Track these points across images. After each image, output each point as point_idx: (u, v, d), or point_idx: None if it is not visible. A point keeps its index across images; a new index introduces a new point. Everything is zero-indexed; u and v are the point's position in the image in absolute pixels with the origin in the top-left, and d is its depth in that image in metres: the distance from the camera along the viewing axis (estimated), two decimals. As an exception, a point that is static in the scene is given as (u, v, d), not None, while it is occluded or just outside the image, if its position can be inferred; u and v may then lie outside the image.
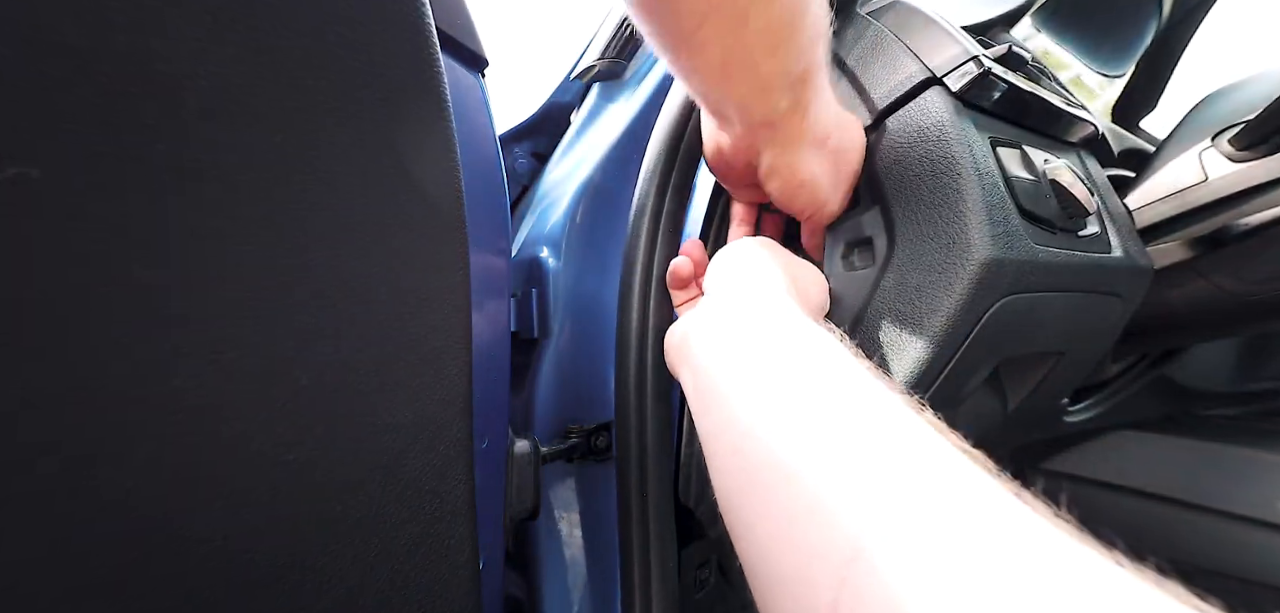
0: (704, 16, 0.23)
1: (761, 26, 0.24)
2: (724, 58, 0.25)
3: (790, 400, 0.19)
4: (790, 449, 0.17)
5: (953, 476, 0.14)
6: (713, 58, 0.25)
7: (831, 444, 0.17)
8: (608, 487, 0.42)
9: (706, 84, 0.28)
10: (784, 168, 0.31)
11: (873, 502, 0.14)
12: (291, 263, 0.20)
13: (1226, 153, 0.38)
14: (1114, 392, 0.53)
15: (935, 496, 0.14)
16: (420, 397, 0.24)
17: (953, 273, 0.29)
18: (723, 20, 0.23)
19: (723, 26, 0.23)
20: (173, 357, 0.17)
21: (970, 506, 0.13)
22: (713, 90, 0.28)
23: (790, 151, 0.30)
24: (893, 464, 0.15)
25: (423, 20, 0.23)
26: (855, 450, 0.16)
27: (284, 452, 0.20)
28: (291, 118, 0.19)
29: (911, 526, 0.13)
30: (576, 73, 0.68)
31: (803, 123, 0.29)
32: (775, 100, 0.27)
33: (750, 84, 0.27)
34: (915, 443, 0.16)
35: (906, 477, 0.15)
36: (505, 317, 0.41)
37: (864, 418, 0.17)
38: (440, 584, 0.25)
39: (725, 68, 0.26)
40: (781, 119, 0.29)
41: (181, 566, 0.18)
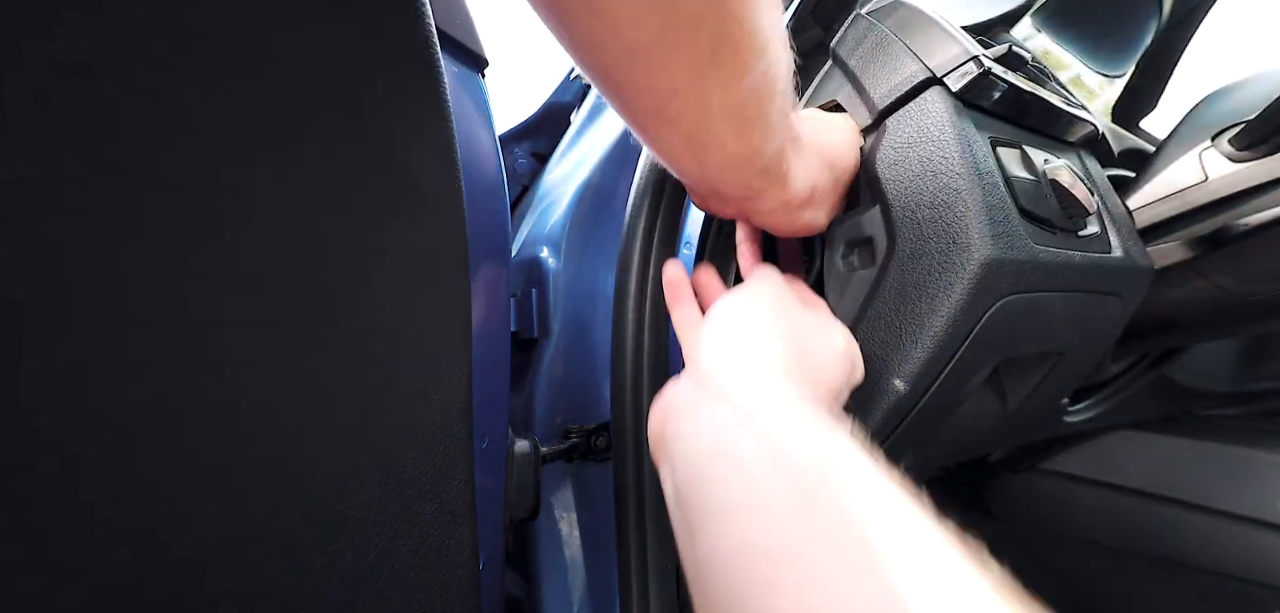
0: (671, 93, 0.23)
1: (723, 108, 0.23)
2: (691, 133, 0.25)
3: (784, 531, 0.17)
4: (787, 597, 0.15)
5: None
6: (683, 131, 0.25)
7: (834, 591, 0.15)
8: (608, 487, 0.42)
9: (681, 161, 0.27)
10: (778, 222, 0.32)
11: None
12: (290, 263, 0.20)
13: (1226, 153, 0.38)
14: (1114, 392, 0.53)
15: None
16: (420, 397, 0.24)
17: (953, 273, 0.29)
18: (688, 98, 0.23)
19: (690, 103, 0.23)
20: (170, 359, 0.17)
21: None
22: (688, 167, 0.28)
23: (774, 217, 0.31)
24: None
25: (423, 20, 0.23)
26: (860, 597, 0.14)
27: (283, 452, 0.20)
28: (290, 118, 0.19)
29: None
30: (576, 73, 0.68)
31: (783, 193, 0.29)
32: (748, 177, 0.27)
33: (721, 161, 0.26)
34: (929, 586, 0.14)
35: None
36: (505, 317, 0.41)
37: (869, 555, 0.15)
38: (440, 584, 0.25)
39: (694, 144, 0.25)
40: (758, 194, 0.29)
41: (180, 567, 0.18)
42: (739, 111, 0.24)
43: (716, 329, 0.27)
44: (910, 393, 0.31)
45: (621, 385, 0.39)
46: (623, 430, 0.39)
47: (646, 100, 0.23)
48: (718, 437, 0.21)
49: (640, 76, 0.22)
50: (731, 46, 0.21)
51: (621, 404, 0.39)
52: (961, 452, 0.45)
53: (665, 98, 0.23)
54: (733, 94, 0.23)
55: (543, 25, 0.21)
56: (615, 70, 0.22)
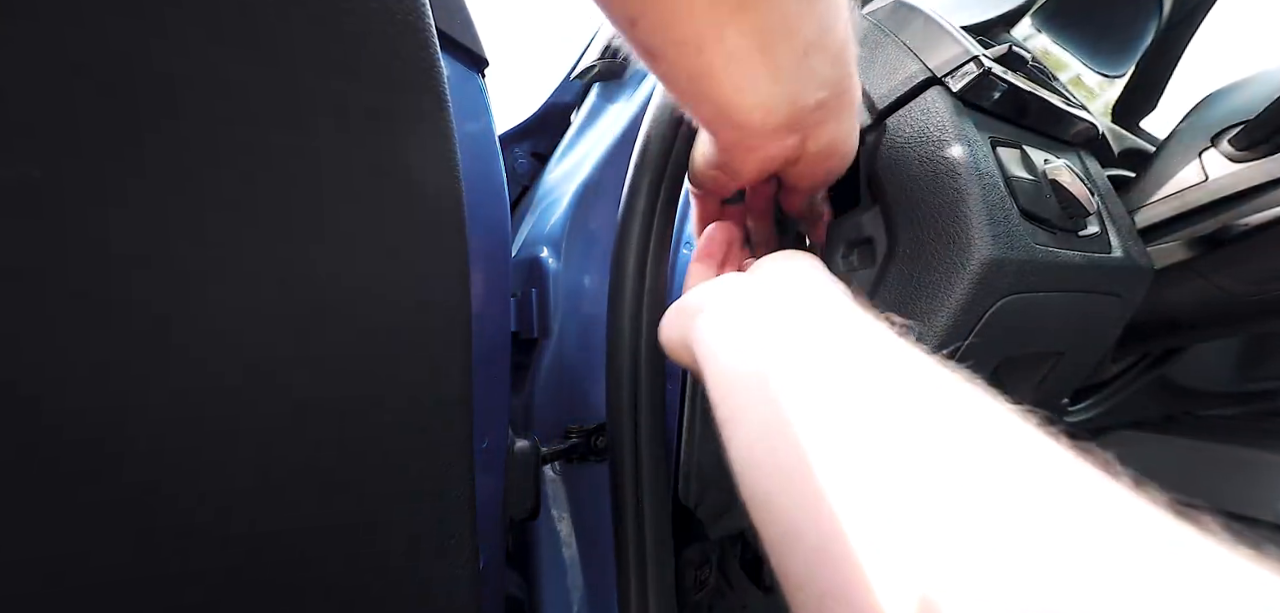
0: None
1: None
2: (762, 27, 0.20)
3: (852, 397, 0.16)
4: (853, 457, 0.15)
5: (1070, 506, 0.12)
6: (753, 24, 0.20)
7: (900, 458, 0.14)
8: (608, 487, 0.42)
9: (743, 75, 0.22)
10: (839, 142, 0.27)
11: (956, 544, 0.12)
12: (290, 263, 0.20)
13: (1226, 153, 0.38)
14: (1114, 392, 0.53)
15: (1047, 540, 0.11)
16: (420, 396, 0.24)
17: (953, 273, 0.29)
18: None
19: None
20: (170, 358, 0.17)
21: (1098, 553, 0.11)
22: (754, 80, 0.22)
23: (844, 122, 0.26)
24: (985, 492, 0.12)
25: (423, 20, 0.23)
26: (933, 469, 0.13)
27: (283, 452, 0.20)
28: (290, 118, 0.19)
29: (1003, 586, 0.11)
30: (576, 73, 0.68)
31: (854, 85, 0.25)
32: (825, 70, 0.23)
33: (794, 54, 0.22)
34: (1017, 461, 0.13)
35: (1007, 510, 0.12)
36: (505, 317, 0.41)
37: (942, 423, 0.14)
38: (440, 584, 0.25)
39: (764, 38, 0.21)
40: (834, 91, 0.24)
41: (180, 567, 0.18)
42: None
43: (763, 263, 0.27)
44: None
45: (618, 385, 0.39)
46: (620, 430, 0.39)
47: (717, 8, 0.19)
48: (775, 311, 0.20)
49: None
50: None
51: (619, 404, 0.39)
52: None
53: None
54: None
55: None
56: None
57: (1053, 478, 0.13)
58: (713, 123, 0.26)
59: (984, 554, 0.12)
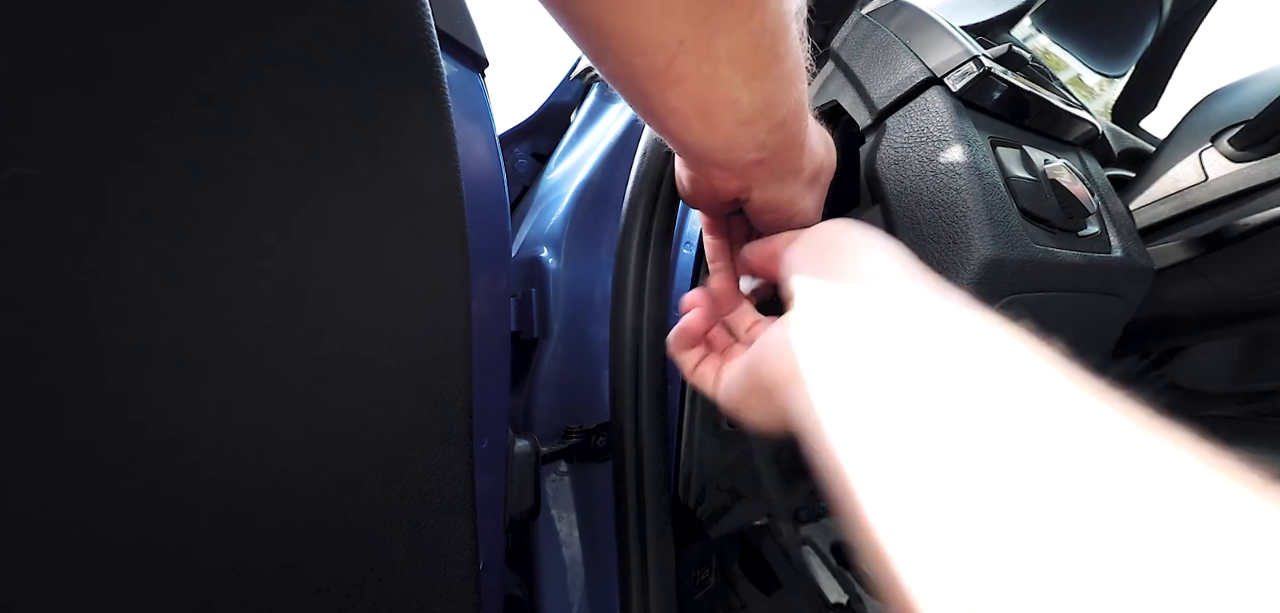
0: (677, 45, 0.20)
1: (734, 53, 0.21)
2: (701, 92, 0.22)
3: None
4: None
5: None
6: (692, 91, 0.22)
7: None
8: (608, 487, 0.42)
9: (689, 129, 0.24)
10: (780, 204, 0.28)
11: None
12: (291, 263, 0.20)
13: (1226, 153, 0.38)
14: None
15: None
16: (420, 397, 0.24)
17: (953, 272, 0.29)
18: (696, 49, 0.21)
19: (698, 54, 0.21)
20: (170, 357, 0.17)
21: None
22: (696, 134, 0.24)
23: (786, 187, 0.28)
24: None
25: (423, 20, 0.23)
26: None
27: (283, 452, 0.20)
28: (291, 118, 0.19)
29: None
30: (576, 73, 0.68)
31: (799, 158, 0.27)
32: (763, 135, 0.25)
33: (734, 120, 0.24)
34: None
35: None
36: (505, 317, 0.41)
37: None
38: (440, 584, 0.25)
39: (704, 105, 0.23)
40: (773, 156, 0.26)
41: (178, 567, 0.18)
42: (752, 55, 0.22)
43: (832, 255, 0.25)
44: None
45: (621, 386, 0.39)
46: (622, 431, 0.39)
47: (650, 59, 0.21)
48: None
49: (641, 30, 0.20)
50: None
51: (621, 404, 0.39)
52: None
53: (671, 53, 0.21)
54: (744, 34, 0.21)
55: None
56: (614, 27, 0.20)
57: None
58: (669, 145, 0.28)
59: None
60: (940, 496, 0.15)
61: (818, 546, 0.57)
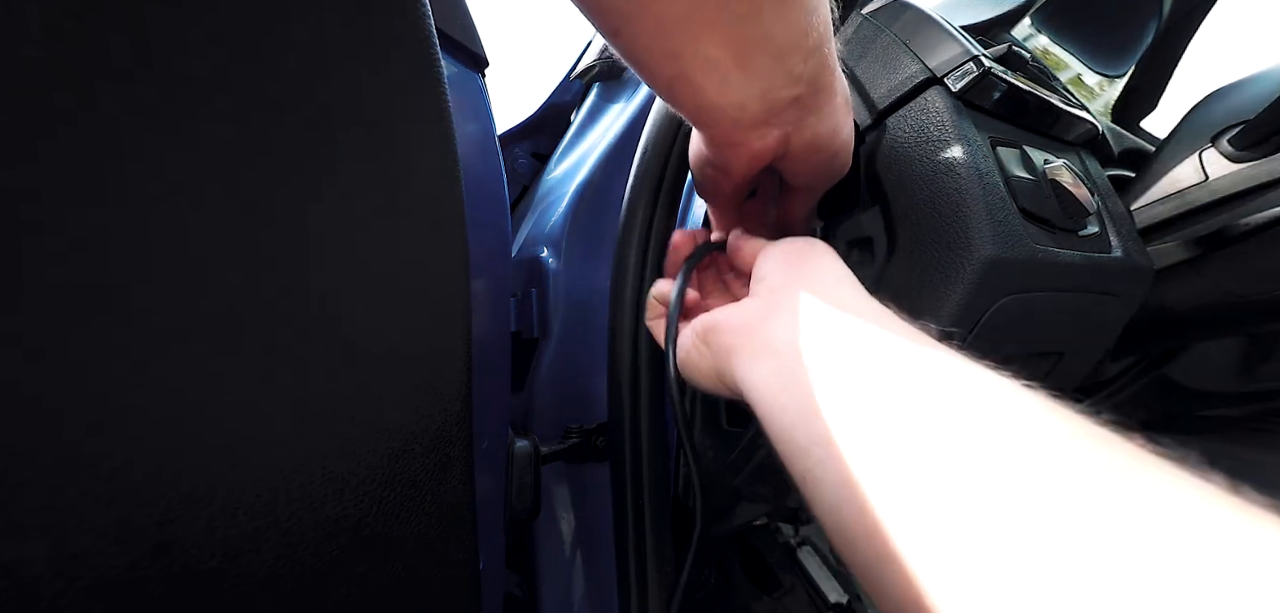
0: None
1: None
2: (736, 30, 0.21)
3: (920, 436, 0.17)
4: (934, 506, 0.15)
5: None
6: (726, 34, 0.21)
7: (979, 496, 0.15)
8: (608, 487, 0.42)
9: (720, 79, 0.23)
10: (823, 140, 0.27)
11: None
12: (290, 263, 0.20)
13: (1226, 153, 0.38)
14: (1114, 392, 0.53)
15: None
16: (420, 397, 0.24)
17: (953, 272, 0.29)
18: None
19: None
20: (168, 357, 0.17)
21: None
22: (729, 84, 0.23)
23: (825, 118, 0.27)
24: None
25: (423, 20, 0.23)
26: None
27: (282, 452, 0.20)
28: (290, 118, 0.19)
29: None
30: (576, 73, 0.68)
31: (834, 80, 0.26)
32: (799, 66, 0.23)
33: (769, 56, 0.22)
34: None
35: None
36: (505, 317, 0.41)
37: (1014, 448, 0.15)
38: (440, 585, 0.25)
39: (739, 46, 0.22)
40: (809, 87, 0.25)
41: (176, 568, 0.18)
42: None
43: (786, 259, 0.28)
44: None
45: (619, 385, 0.39)
46: (621, 431, 0.39)
47: (678, 5, 0.20)
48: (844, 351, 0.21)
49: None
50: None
51: (619, 404, 0.39)
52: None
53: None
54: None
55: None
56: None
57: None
58: (696, 120, 0.27)
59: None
60: (860, 447, 0.18)
61: (818, 546, 0.57)
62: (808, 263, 0.27)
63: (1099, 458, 0.14)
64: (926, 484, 0.16)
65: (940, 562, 0.15)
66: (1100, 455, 0.14)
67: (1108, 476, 0.14)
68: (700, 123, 0.27)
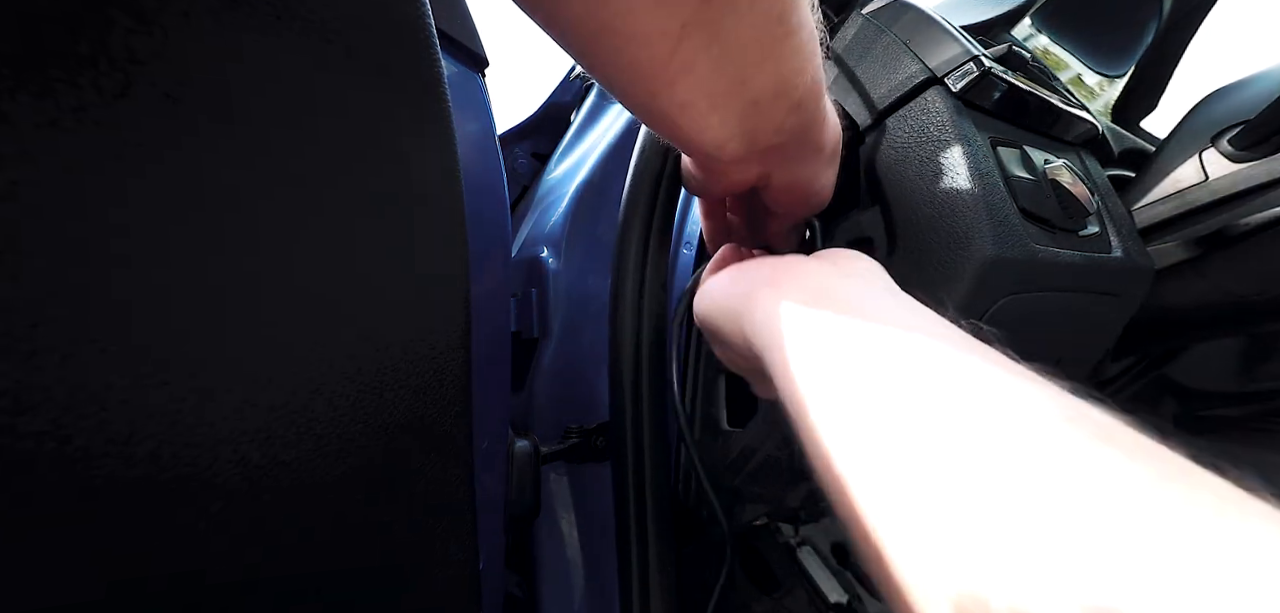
0: (680, 31, 0.18)
1: (745, 31, 0.19)
2: (710, 78, 0.20)
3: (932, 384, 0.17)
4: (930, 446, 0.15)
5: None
6: (701, 78, 0.20)
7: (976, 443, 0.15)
8: (608, 487, 0.42)
9: (699, 122, 0.22)
10: (800, 185, 0.27)
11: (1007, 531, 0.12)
12: (290, 263, 0.20)
13: (1226, 153, 0.38)
14: (1114, 392, 0.53)
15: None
16: (420, 397, 0.24)
17: (953, 272, 0.29)
18: (701, 31, 0.19)
19: (704, 37, 0.19)
20: (166, 358, 0.17)
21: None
22: (708, 125, 0.23)
23: (807, 167, 0.27)
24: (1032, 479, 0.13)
25: (423, 20, 0.23)
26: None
27: (282, 452, 0.20)
28: (289, 118, 0.19)
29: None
30: (576, 73, 0.68)
31: (820, 135, 0.26)
32: (781, 117, 0.23)
33: (748, 102, 0.22)
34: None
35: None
36: (505, 317, 0.41)
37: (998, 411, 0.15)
38: (440, 585, 0.25)
39: (715, 92, 0.21)
40: (793, 137, 0.24)
41: (175, 568, 0.18)
42: (763, 31, 0.20)
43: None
44: None
45: (619, 385, 0.39)
46: (621, 430, 0.39)
47: (652, 49, 0.19)
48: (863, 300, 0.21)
49: (639, 19, 0.18)
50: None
51: (619, 404, 0.39)
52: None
53: (674, 39, 0.19)
54: (753, 13, 0.19)
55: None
56: (607, 23, 0.18)
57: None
58: (678, 147, 0.27)
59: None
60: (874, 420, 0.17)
61: (818, 546, 0.57)
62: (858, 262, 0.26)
63: (1084, 433, 0.14)
64: (901, 428, 0.16)
65: (880, 486, 0.15)
66: (1086, 431, 0.14)
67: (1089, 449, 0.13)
68: (684, 150, 0.27)
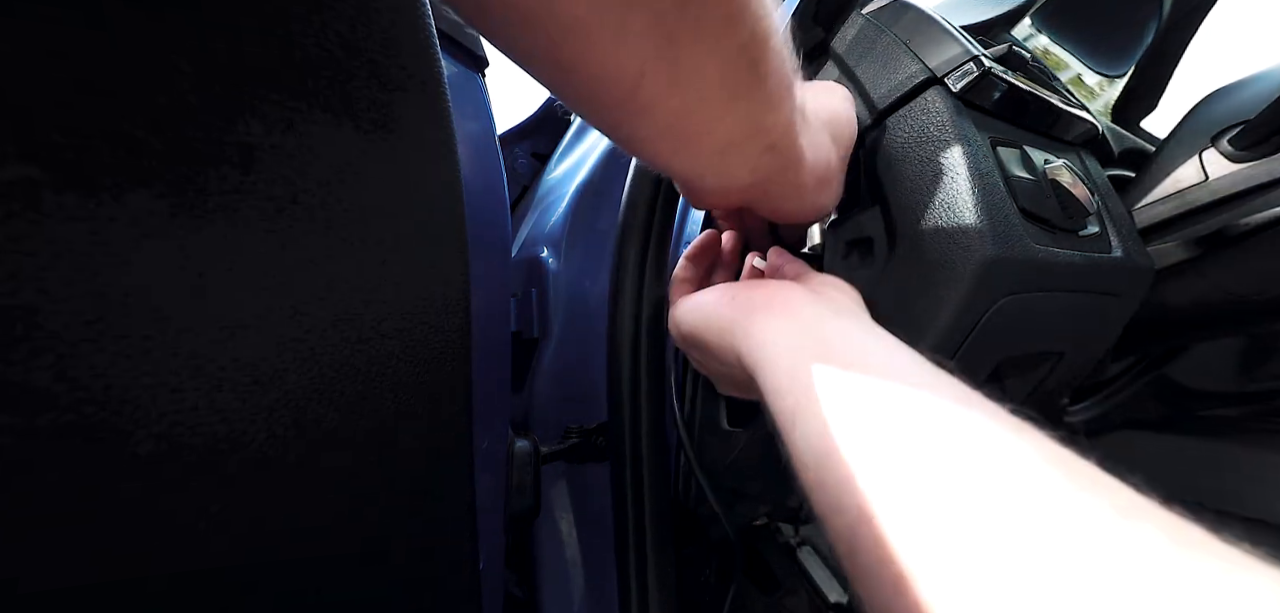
0: (638, 76, 0.18)
1: (707, 79, 0.19)
2: (672, 122, 0.20)
3: (906, 419, 0.18)
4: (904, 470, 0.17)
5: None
6: (661, 121, 0.20)
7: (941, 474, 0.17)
8: (608, 487, 0.42)
9: (666, 158, 0.22)
10: (787, 213, 0.28)
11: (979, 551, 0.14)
12: (289, 264, 0.20)
13: (1226, 153, 0.38)
14: (1114, 392, 0.53)
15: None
16: (420, 397, 0.24)
17: (953, 273, 0.29)
18: (659, 77, 0.18)
19: (662, 83, 0.18)
20: (165, 358, 0.17)
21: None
22: (676, 163, 0.22)
23: (789, 202, 0.27)
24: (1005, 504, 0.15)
25: (423, 20, 0.23)
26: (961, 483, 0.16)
27: (282, 453, 0.20)
28: (290, 118, 0.19)
29: None
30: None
31: (798, 175, 0.25)
32: (752, 160, 0.23)
33: (715, 148, 0.21)
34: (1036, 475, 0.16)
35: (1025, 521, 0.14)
36: (505, 317, 0.41)
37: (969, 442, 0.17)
38: (440, 584, 0.25)
39: (679, 135, 0.21)
40: (768, 180, 0.24)
41: (175, 567, 0.18)
42: (728, 78, 0.19)
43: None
44: None
45: (619, 385, 0.39)
46: (621, 430, 0.39)
47: (610, 91, 0.18)
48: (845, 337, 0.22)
49: (594, 59, 0.17)
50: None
51: (619, 404, 0.39)
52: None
53: (632, 82, 0.18)
54: (717, 59, 0.18)
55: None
56: (561, 57, 0.17)
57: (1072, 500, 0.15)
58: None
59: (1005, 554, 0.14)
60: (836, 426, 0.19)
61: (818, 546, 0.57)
62: (843, 296, 0.28)
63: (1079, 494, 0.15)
64: (899, 468, 0.17)
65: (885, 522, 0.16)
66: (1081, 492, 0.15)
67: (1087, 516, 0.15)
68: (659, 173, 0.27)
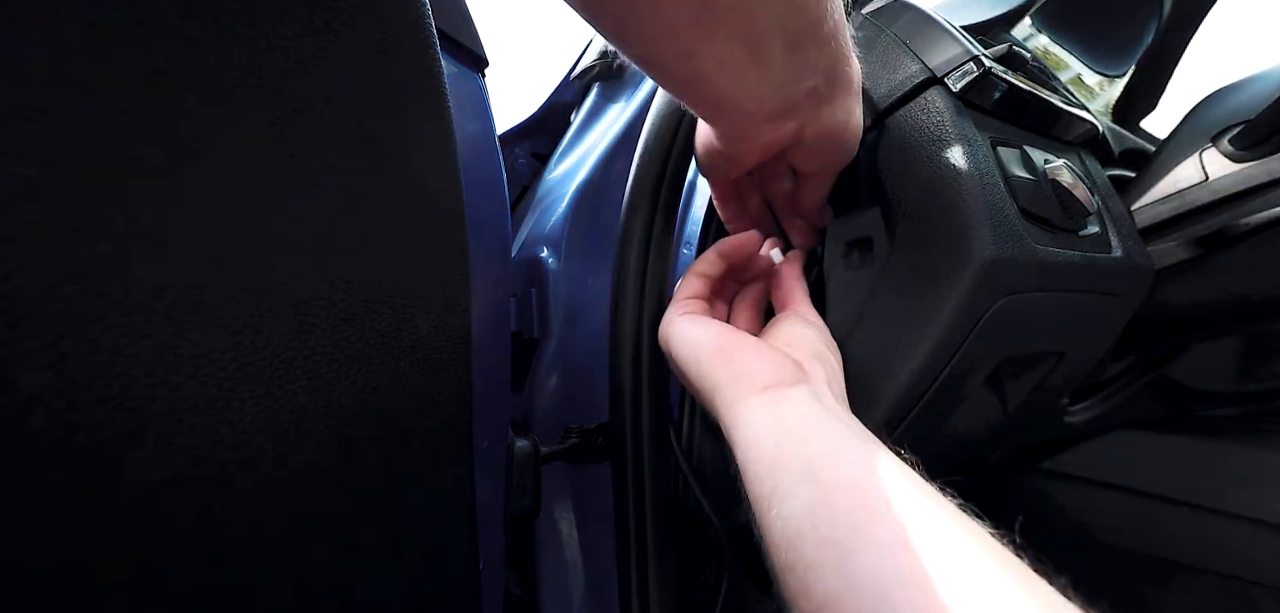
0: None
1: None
2: (747, 25, 0.20)
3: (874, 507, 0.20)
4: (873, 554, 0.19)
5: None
6: (738, 29, 0.20)
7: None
8: (608, 487, 0.42)
9: (736, 75, 0.22)
10: (837, 129, 0.27)
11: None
12: (289, 264, 0.20)
13: (1227, 153, 0.38)
14: (1114, 392, 0.53)
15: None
16: (420, 397, 0.24)
17: (953, 273, 0.29)
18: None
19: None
20: (164, 359, 0.17)
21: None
22: (745, 80, 0.23)
23: (840, 107, 0.27)
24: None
25: (423, 20, 0.23)
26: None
27: (282, 454, 0.20)
28: (290, 118, 0.19)
29: None
30: (576, 73, 0.68)
31: (849, 69, 0.26)
32: (815, 57, 0.23)
33: (783, 48, 0.22)
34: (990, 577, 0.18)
35: None
36: (505, 317, 0.41)
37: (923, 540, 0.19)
38: (440, 584, 0.25)
39: (752, 40, 0.21)
40: (825, 77, 0.24)
41: (175, 570, 0.18)
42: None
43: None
44: (909, 393, 0.31)
45: (620, 386, 0.39)
46: (621, 430, 0.39)
47: (686, 4, 0.19)
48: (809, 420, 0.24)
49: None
50: None
51: (621, 404, 0.39)
52: (961, 452, 0.46)
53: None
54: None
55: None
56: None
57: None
58: (710, 117, 0.27)
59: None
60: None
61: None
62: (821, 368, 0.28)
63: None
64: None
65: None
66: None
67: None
68: (715, 119, 0.27)
